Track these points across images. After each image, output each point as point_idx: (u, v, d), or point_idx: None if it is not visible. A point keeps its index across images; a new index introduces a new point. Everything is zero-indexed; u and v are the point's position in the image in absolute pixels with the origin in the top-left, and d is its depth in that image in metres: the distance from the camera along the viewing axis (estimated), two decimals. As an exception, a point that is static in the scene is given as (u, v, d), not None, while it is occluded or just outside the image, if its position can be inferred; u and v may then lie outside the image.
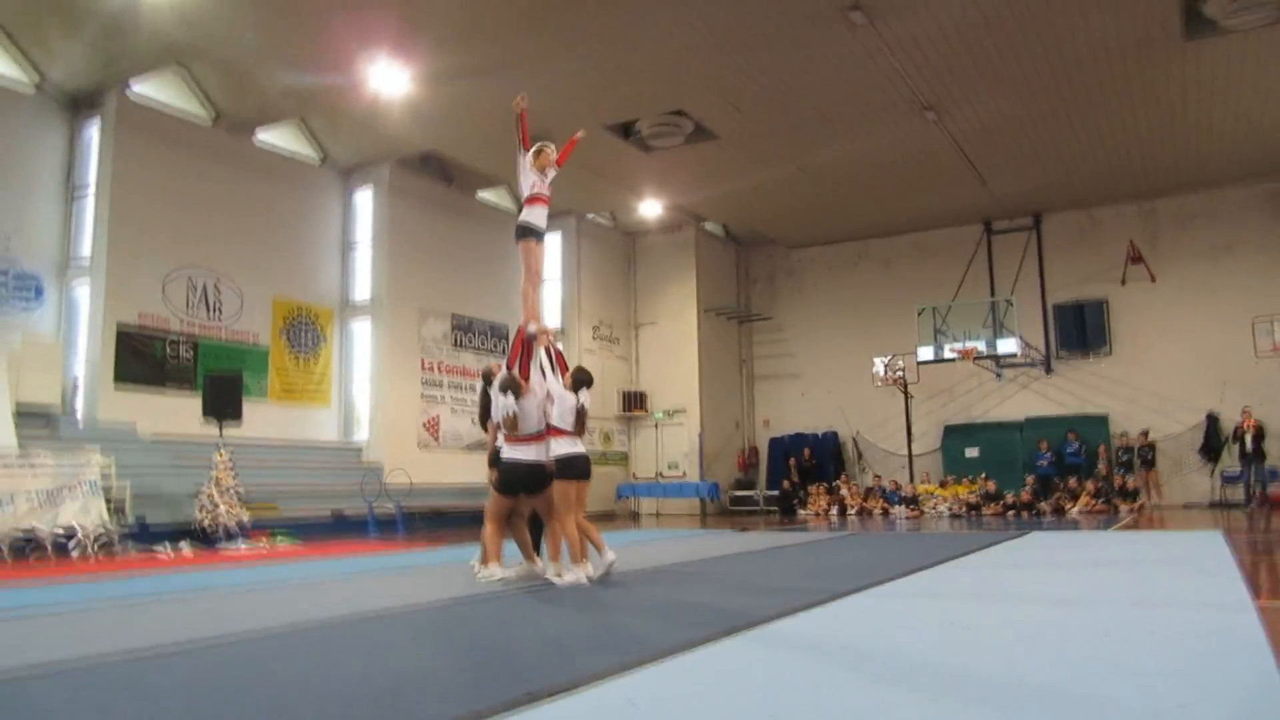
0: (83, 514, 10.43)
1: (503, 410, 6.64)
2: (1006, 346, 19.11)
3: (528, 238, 7.37)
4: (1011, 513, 17.36)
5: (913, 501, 18.63)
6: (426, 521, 15.42)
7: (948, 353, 19.36)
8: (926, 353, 19.53)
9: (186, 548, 10.76)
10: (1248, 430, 16.80)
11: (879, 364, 20.24)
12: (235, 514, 11.53)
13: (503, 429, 6.71)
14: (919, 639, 4.19)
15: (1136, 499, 17.52)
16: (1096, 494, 17.44)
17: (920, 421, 20.52)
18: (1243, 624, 4.30)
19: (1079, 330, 20.10)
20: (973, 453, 20.34)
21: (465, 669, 3.70)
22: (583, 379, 6.81)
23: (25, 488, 10.08)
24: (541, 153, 7.36)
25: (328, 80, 13.66)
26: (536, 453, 6.64)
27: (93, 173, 14.03)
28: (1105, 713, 2.82)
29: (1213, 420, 18.53)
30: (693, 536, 12.69)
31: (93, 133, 14.12)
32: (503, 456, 6.70)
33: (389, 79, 13.17)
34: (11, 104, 13.35)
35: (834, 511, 19.34)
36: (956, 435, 20.87)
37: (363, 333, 17.51)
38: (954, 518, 17.48)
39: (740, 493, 22.09)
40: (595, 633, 4.58)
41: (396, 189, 17.62)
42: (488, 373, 7.34)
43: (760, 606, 5.08)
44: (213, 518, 11.40)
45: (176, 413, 13.79)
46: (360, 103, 14.22)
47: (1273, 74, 13.90)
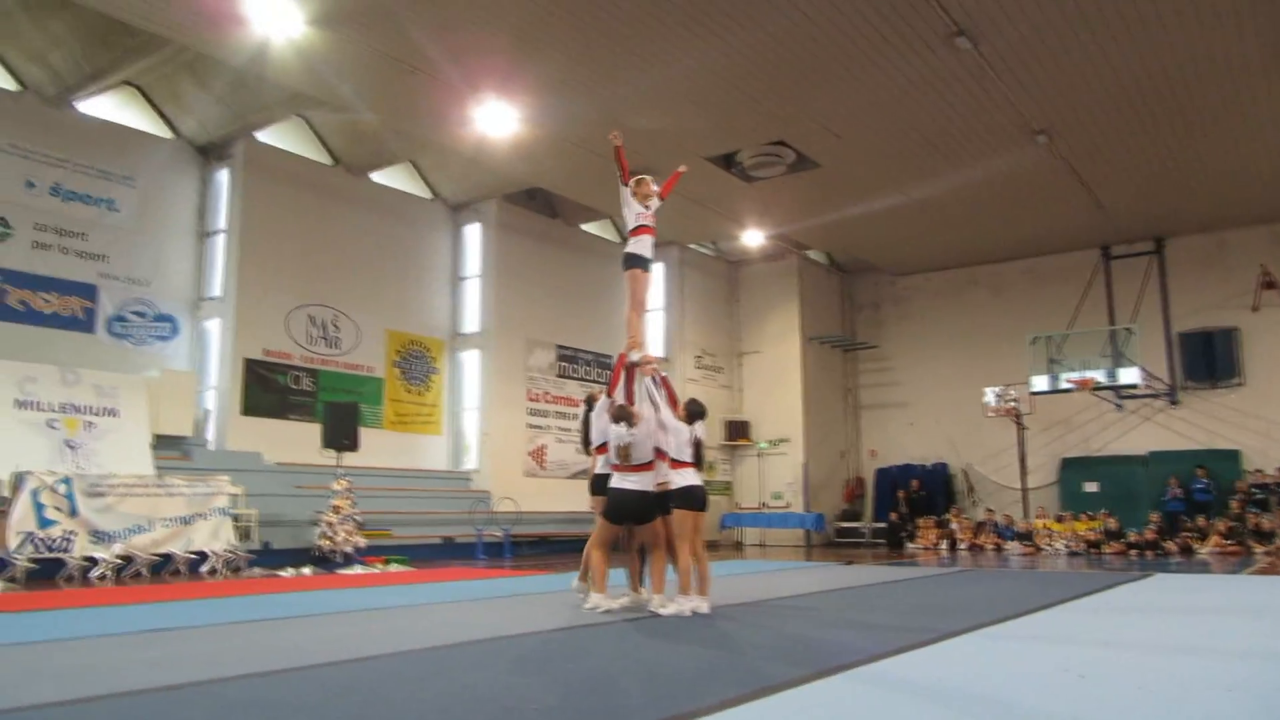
0: (213, 538, 11.11)
1: (615, 440, 6.77)
2: (1128, 377, 18.23)
3: (634, 266, 7.56)
4: (1134, 552, 16.53)
5: (1027, 537, 17.95)
6: (533, 547, 15.71)
7: (1063, 383, 18.64)
8: (1040, 382, 18.80)
9: (308, 570, 11.28)
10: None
11: (990, 394, 19.63)
12: (353, 540, 12.04)
13: (613, 458, 6.84)
14: (1030, 685, 4.07)
15: (1273, 540, 16.38)
16: (1228, 534, 16.45)
17: (1035, 454, 19.77)
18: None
19: (1207, 360, 19.09)
20: (1092, 487, 19.48)
21: (567, 699, 3.77)
22: (697, 411, 6.91)
23: (162, 513, 10.77)
24: (642, 183, 7.58)
25: (439, 124, 14.24)
26: (644, 482, 6.74)
27: (223, 215, 15.00)
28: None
29: (1358, 456, 17.31)
30: (797, 569, 12.55)
31: (223, 178, 15.11)
32: (611, 485, 6.84)
33: (496, 120, 13.65)
34: (150, 153, 14.40)
35: (944, 546, 18.80)
36: (1074, 468, 20.04)
37: (471, 363, 18.03)
38: (1072, 555, 16.73)
39: (846, 524, 21.73)
40: (696, 666, 4.60)
41: (504, 223, 18.18)
42: (590, 398, 7.61)
43: (865, 644, 5.03)
44: (332, 542, 11.94)
45: (298, 440, 14.45)
46: (468, 142, 14.75)
47: None
